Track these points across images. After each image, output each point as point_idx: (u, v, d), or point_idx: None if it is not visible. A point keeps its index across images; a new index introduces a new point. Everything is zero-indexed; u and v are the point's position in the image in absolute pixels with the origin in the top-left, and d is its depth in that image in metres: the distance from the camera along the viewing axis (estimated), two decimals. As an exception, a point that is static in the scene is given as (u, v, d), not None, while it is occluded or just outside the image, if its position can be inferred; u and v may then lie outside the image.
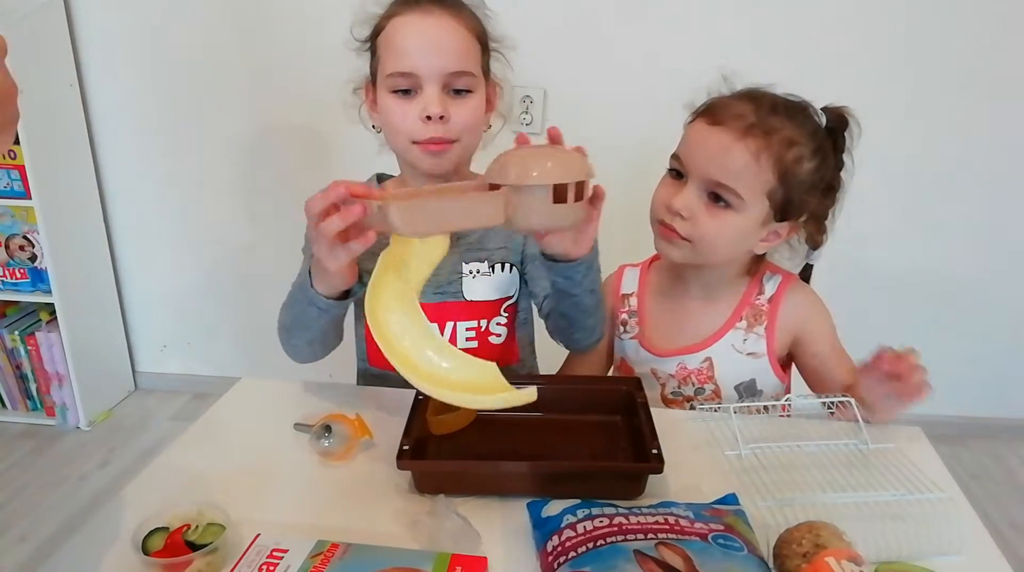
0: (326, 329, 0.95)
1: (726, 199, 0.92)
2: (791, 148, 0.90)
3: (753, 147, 0.89)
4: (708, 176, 0.92)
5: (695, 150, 0.94)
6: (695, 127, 0.96)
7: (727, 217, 0.92)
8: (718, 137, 0.91)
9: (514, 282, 1.07)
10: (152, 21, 2.00)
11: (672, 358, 1.05)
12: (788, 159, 0.90)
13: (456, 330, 1.05)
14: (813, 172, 0.93)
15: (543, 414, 0.90)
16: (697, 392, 1.04)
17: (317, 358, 1.02)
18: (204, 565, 0.64)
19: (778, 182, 0.91)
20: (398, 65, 0.92)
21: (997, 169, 1.96)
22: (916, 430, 0.91)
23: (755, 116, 0.91)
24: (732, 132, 0.90)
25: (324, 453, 0.83)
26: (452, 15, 0.93)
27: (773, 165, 0.90)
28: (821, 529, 0.63)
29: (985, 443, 2.19)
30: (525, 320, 1.13)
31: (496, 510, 0.74)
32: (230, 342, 2.37)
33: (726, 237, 0.94)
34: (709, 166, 0.92)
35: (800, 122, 0.93)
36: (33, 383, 2.19)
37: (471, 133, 0.97)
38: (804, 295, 1.05)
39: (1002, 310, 2.11)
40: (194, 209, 2.19)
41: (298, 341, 0.98)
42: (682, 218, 0.93)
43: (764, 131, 0.90)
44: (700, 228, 0.93)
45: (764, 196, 0.92)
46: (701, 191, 0.93)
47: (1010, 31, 1.82)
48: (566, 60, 1.88)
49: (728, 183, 0.90)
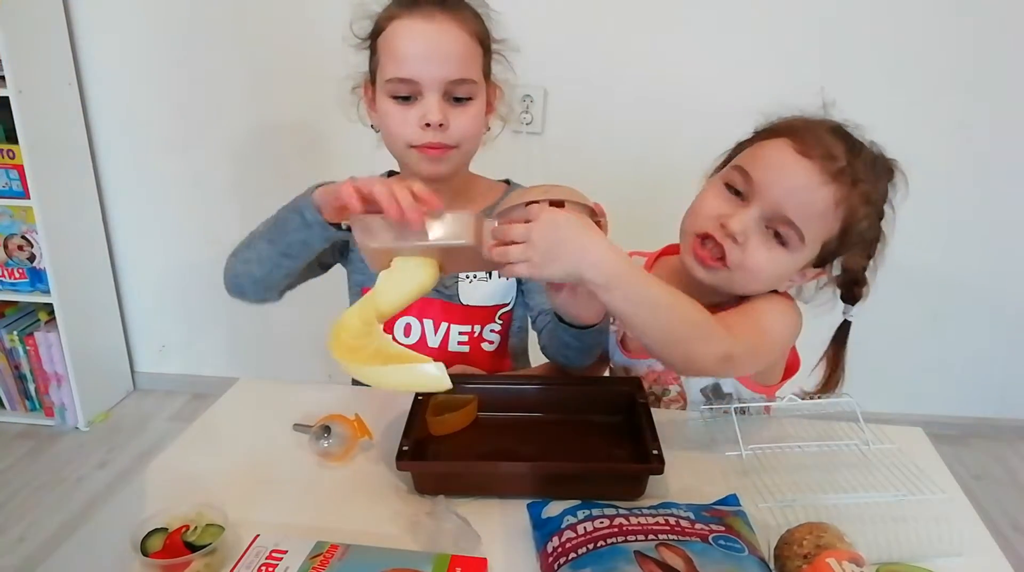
0: (290, 253, 0.90)
1: (784, 236, 0.84)
2: (865, 206, 0.85)
3: (838, 195, 0.82)
4: (779, 210, 0.83)
5: (774, 176, 0.83)
6: (777, 148, 0.85)
7: (780, 255, 0.85)
8: (807, 173, 0.82)
9: (511, 290, 1.07)
10: (151, 21, 1.99)
11: (642, 362, 1.03)
12: (859, 215, 0.84)
13: (449, 332, 1.05)
14: (868, 230, 0.88)
15: (543, 415, 0.90)
16: (663, 393, 1.02)
17: (257, 286, 0.96)
18: (203, 566, 0.64)
19: (838, 236, 0.85)
20: (398, 71, 0.91)
21: (999, 169, 1.96)
22: (917, 431, 0.91)
23: (846, 160, 0.82)
24: (823, 173, 0.81)
25: (323, 454, 0.82)
26: (454, 19, 0.91)
27: (844, 217, 0.84)
28: (822, 530, 0.63)
29: (986, 443, 2.19)
30: (520, 328, 1.12)
31: (496, 511, 0.74)
32: (229, 343, 2.37)
33: (769, 273, 0.87)
34: (787, 199, 0.82)
35: (880, 178, 0.87)
36: (32, 383, 2.19)
37: (471, 140, 0.97)
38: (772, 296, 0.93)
39: (1003, 310, 2.11)
40: (193, 209, 2.19)
41: (250, 255, 0.93)
42: (734, 242, 0.85)
43: (852, 180, 0.82)
44: (749, 258, 0.85)
45: (820, 243, 0.85)
46: (761, 220, 0.84)
47: (1011, 31, 1.82)
48: (566, 60, 1.88)
49: (799, 224, 0.82)
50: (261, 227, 0.94)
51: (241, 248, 0.96)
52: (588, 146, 1.94)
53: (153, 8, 1.98)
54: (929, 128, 1.92)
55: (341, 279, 1.16)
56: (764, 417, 0.91)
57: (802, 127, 0.86)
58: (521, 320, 1.12)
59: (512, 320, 1.10)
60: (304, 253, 0.91)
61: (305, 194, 0.87)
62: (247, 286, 0.97)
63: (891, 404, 1.98)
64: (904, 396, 2.15)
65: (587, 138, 1.93)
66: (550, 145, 1.96)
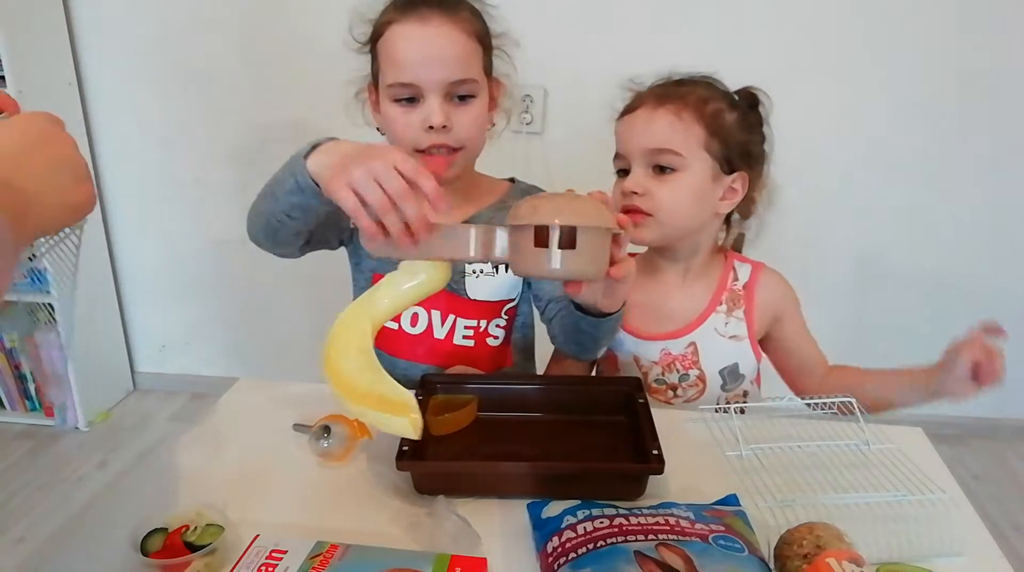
0: (292, 214, 0.87)
1: (669, 164, 0.95)
2: (707, 103, 0.96)
3: (672, 108, 0.95)
4: (644, 148, 0.96)
5: (626, 136, 0.99)
6: (620, 123, 1.02)
7: (676, 179, 0.96)
8: (640, 115, 0.98)
9: (516, 285, 1.07)
10: (152, 21, 1.99)
11: (655, 343, 1.05)
12: (708, 111, 0.95)
13: (456, 326, 1.05)
14: (739, 121, 0.98)
15: (543, 415, 0.90)
16: (681, 378, 1.04)
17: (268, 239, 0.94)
18: (203, 566, 0.64)
19: (708, 134, 0.95)
20: (398, 76, 0.91)
21: (999, 169, 1.96)
22: (917, 431, 0.91)
23: (662, 90, 0.99)
24: (649, 106, 0.97)
25: (323, 454, 0.82)
26: (450, 20, 0.92)
27: (696, 119, 0.95)
28: (822, 530, 0.63)
29: (986, 443, 2.19)
30: (523, 324, 1.13)
31: (496, 511, 0.74)
32: (229, 342, 2.37)
33: (681, 199, 0.96)
34: (641, 140, 0.96)
35: (706, 86, 0.99)
36: (32, 383, 2.19)
37: (475, 139, 0.97)
38: (777, 278, 1.09)
39: (1004, 310, 2.10)
40: (193, 209, 2.19)
41: (262, 208, 0.91)
42: (637, 195, 0.96)
43: (677, 96, 0.96)
44: (656, 197, 0.96)
45: (702, 150, 0.96)
46: (645, 167, 0.97)
47: (1011, 30, 1.82)
48: (566, 60, 1.88)
49: (662, 146, 0.95)
50: (270, 179, 0.89)
51: (258, 197, 0.92)
52: (588, 146, 1.94)
53: (153, 8, 1.98)
54: (929, 128, 1.92)
55: (341, 279, 1.16)
56: (764, 417, 0.91)
57: (630, 99, 1.03)
58: (526, 316, 1.12)
59: (516, 315, 1.10)
60: (305, 216, 0.87)
61: (302, 152, 0.81)
62: (261, 238, 0.95)
63: (891, 404, 1.98)
64: (904, 396, 2.14)
65: (587, 138, 1.93)
66: (550, 145, 1.96)
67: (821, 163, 1.90)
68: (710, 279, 1.07)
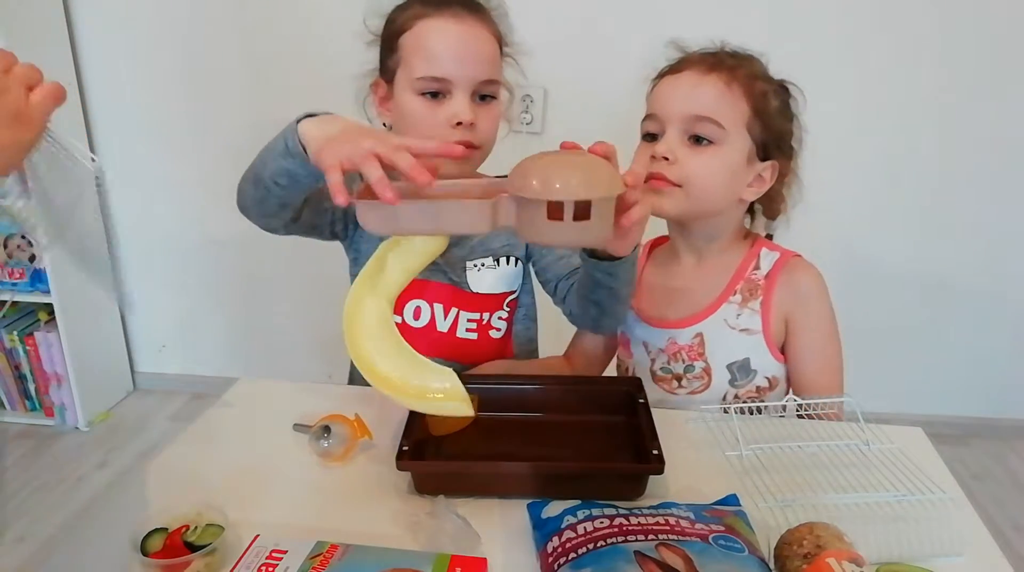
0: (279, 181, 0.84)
1: (708, 135, 0.91)
2: (757, 81, 0.93)
3: (723, 78, 0.91)
4: (686, 113, 0.91)
5: (666, 98, 0.94)
6: (661, 83, 0.97)
7: (712, 152, 0.92)
8: (686, 78, 0.93)
9: (517, 277, 1.08)
10: (152, 21, 1.99)
11: (663, 331, 1.03)
12: (758, 90, 0.92)
13: (459, 319, 1.05)
14: (781, 110, 0.95)
15: (543, 414, 0.90)
16: (687, 369, 1.01)
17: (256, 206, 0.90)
18: (203, 566, 0.64)
19: (753, 114, 0.92)
20: (431, 70, 0.92)
21: (1000, 169, 1.96)
22: (917, 430, 0.91)
23: (715, 58, 0.94)
24: (698, 71, 0.92)
25: (323, 454, 0.82)
26: (481, 22, 0.94)
27: (745, 95, 0.91)
28: (822, 530, 0.63)
29: (987, 443, 2.19)
30: (525, 316, 1.13)
31: (496, 511, 0.74)
32: (229, 342, 2.37)
33: (715, 174, 0.92)
34: (684, 104, 0.92)
35: (757, 63, 0.96)
36: (32, 383, 2.19)
37: (492, 140, 0.98)
38: (804, 275, 0.99)
39: (1004, 310, 2.11)
40: (193, 209, 2.19)
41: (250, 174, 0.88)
42: (668, 162, 0.92)
43: (729, 67, 0.92)
44: (688, 167, 0.91)
45: (744, 128, 0.92)
46: (681, 134, 0.92)
47: (1011, 30, 1.82)
48: (566, 60, 1.88)
49: (706, 114, 0.90)
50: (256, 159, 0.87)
51: (250, 165, 0.89)
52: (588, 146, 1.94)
53: (153, 8, 1.98)
54: (928, 128, 1.92)
55: (340, 278, 1.16)
56: (764, 417, 0.91)
57: (676, 60, 0.98)
58: (528, 307, 1.12)
59: (518, 307, 1.10)
60: (292, 186, 0.84)
61: (297, 118, 0.79)
62: (249, 207, 0.91)
63: (891, 404, 1.98)
64: (904, 396, 2.14)
65: (587, 138, 1.93)
66: (550, 145, 1.95)
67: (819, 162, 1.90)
68: (727, 266, 1.01)
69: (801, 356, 0.99)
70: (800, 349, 0.99)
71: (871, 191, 1.98)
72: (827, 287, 1.00)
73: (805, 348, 0.99)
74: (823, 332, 1.00)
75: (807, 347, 0.99)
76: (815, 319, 0.99)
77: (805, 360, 0.99)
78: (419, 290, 1.04)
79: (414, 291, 1.04)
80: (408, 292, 1.01)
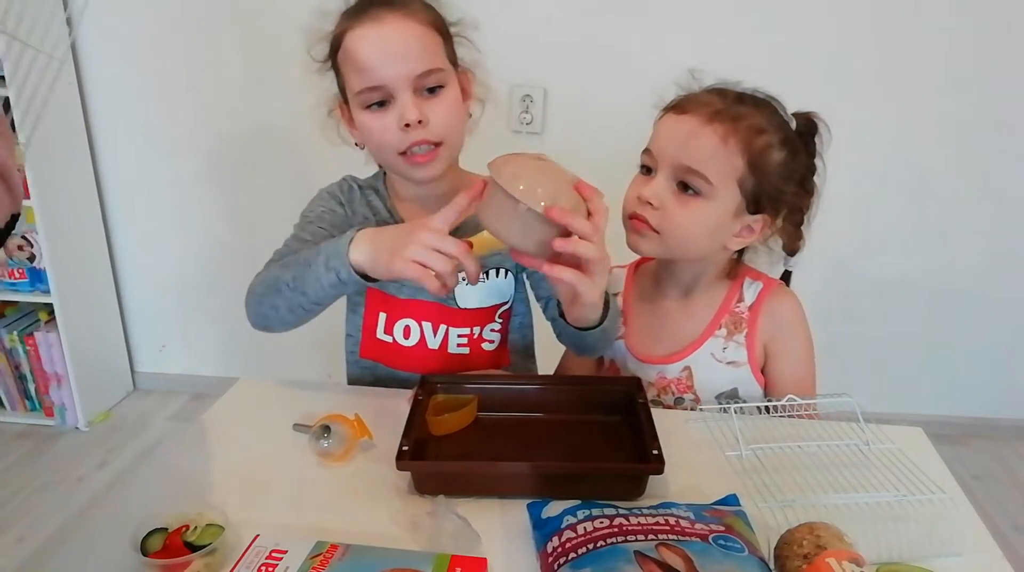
0: (324, 302, 0.91)
1: (695, 187, 0.90)
2: (759, 135, 0.90)
3: (721, 131, 0.89)
4: (677, 162, 0.91)
5: (663, 140, 0.93)
6: (663, 120, 0.96)
7: (697, 205, 0.91)
8: (686, 123, 0.91)
9: (509, 287, 1.07)
10: (152, 21, 1.99)
11: (652, 366, 1.03)
12: (757, 146, 0.90)
13: (448, 335, 1.04)
14: (784, 164, 0.92)
15: (543, 414, 0.90)
16: (677, 401, 1.02)
17: (286, 326, 0.95)
18: (203, 566, 0.64)
19: (748, 170, 0.90)
20: (364, 81, 0.90)
21: (999, 170, 1.96)
22: (917, 430, 0.91)
23: (722, 104, 0.91)
24: (699, 118, 0.90)
25: (323, 454, 0.82)
26: (403, 14, 0.91)
27: (742, 150, 0.89)
28: (822, 530, 0.63)
29: (986, 443, 2.19)
30: (520, 324, 1.12)
31: (496, 511, 0.74)
32: (229, 342, 2.36)
33: (696, 227, 0.92)
34: (678, 152, 0.90)
35: (767, 114, 0.93)
36: (32, 383, 2.18)
37: (454, 131, 0.95)
38: (783, 303, 1.01)
39: (1004, 310, 2.11)
40: (193, 209, 2.19)
41: (281, 302, 0.92)
42: (652, 207, 0.92)
43: (731, 117, 0.90)
44: (670, 218, 0.91)
45: (735, 183, 0.90)
46: (670, 180, 0.92)
47: (1011, 30, 1.82)
48: (566, 60, 1.88)
49: (696, 167, 0.89)
50: (286, 274, 0.90)
51: (267, 291, 0.93)
52: (588, 146, 1.94)
53: (153, 8, 1.97)
54: (928, 128, 1.92)
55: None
56: (764, 417, 0.91)
57: (682, 98, 0.96)
58: (523, 316, 1.12)
59: (512, 316, 1.10)
60: (333, 297, 0.91)
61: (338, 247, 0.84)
62: (277, 326, 0.96)
63: (891, 404, 1.98)
64: (904, 396, 2.15)
65: (587, 138, 1.93)
66: (550, 145, 1.96)
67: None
68: (712, 301, 1.02)
69: (777, 381, 1.01)
70: (777, 374, 1.01)
71: (871, 192, 1.98)
72: (804, 314, 1.02)
73: (780, 373, 1.01)
74: (799, 360, 1.02)
75: (782, 373, 1.01)
76: (792, 346, 1.01)
77: (779, 385, 1.01)
78: (407, 310, 1.03)
79: (402, 311, 1.04)
80: (396, 312, 1.04)
